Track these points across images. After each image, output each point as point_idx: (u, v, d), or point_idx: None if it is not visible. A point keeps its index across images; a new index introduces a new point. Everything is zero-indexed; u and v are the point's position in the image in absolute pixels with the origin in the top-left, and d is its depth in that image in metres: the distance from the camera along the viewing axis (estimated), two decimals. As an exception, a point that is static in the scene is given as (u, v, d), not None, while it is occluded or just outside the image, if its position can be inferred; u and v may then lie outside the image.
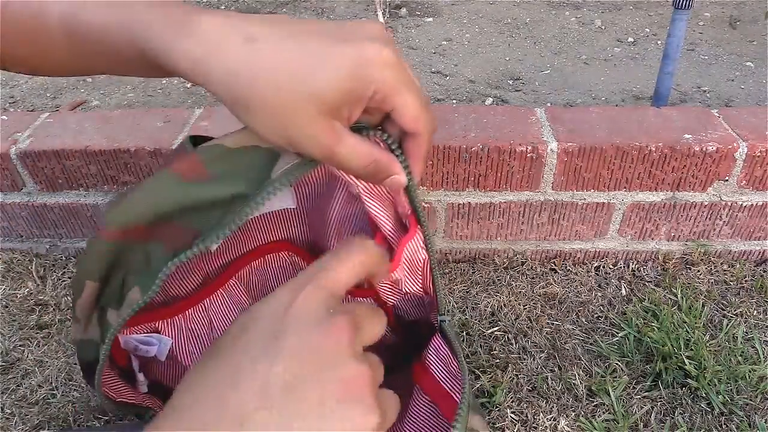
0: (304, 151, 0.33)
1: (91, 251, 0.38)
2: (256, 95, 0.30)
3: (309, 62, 0.30)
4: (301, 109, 0.31)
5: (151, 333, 0.52)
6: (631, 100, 1.59)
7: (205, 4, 2.30)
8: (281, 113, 0.31)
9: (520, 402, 0.73)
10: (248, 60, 0.30)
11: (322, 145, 0.32)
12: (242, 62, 0.30)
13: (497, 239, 0.92)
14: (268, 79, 0.30)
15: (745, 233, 0.91)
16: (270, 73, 0.30)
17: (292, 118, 0.31)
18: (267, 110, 0.31)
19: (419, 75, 1.73)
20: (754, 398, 0.73)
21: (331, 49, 0.31)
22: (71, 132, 0.89)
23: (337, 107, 0.31)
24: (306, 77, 0.30)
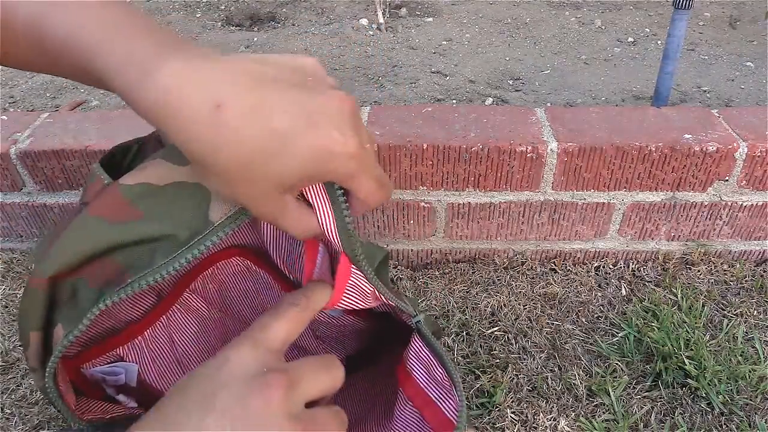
0: (250, 209, 0.34)
1: (27, 303, 0.37)
2: (219, 164, 0.30)
3: (273, 145, 0.30)
4: (258, 184, 0.31)
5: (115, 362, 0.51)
6: (631, 100, 1.59)
7: (206, 3, 2.30)
8: (238, 184, 0.31)
9: (520, 402, 0.73)
10: (213, 130, 0.29)
11: (268, 214, 0.33)
12: (206, 131, 0.29)
13: (497, 239, 0.92)
14: (230, 153, 0.30)
15: (745, 233, 0.91)
16: (234, 148, 0.29)
17: (247, 189, 0.31)
18: (225, 177, 0.31)
19: (419, 75, 1.73)
20: (754, 398, 0.73)
21: (296, 132, 0.30)
22: (71, 132, 0.89)
23: (294, 186, 0.32)
24: (268, 159, 0.30)
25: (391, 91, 1.66)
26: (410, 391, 0.49)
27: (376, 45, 1.94)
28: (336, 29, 2.05)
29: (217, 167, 0.30)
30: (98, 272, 0.36)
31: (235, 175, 0.30)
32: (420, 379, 0.48)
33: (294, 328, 0.36)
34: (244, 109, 0.29)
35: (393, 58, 1.85)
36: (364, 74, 1.76)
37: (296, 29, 2.08)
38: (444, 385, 0.46)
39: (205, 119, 0.29)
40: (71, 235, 0.35)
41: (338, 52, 1.91)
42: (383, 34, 2.02)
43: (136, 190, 0.35)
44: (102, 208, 0.36)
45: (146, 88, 0.29)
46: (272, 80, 0.31)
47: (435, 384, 0.47)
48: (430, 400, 0.47)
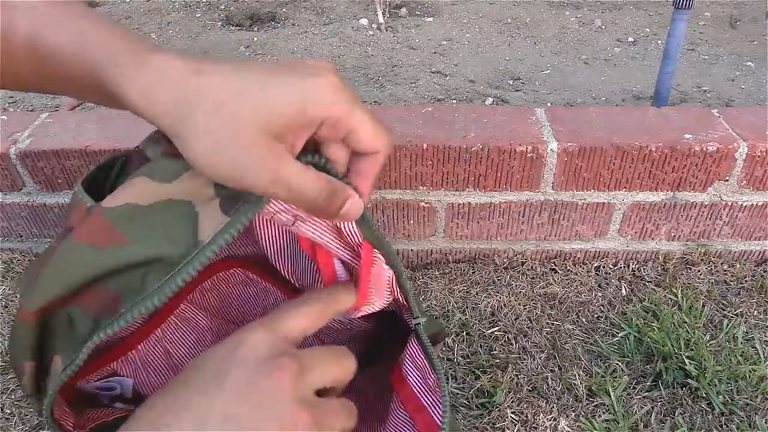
0: (245, 177, 0.31)
1: (17, 336, 0.36)
2: (199, 120, 0.30)
3: (254, 88, 0.30)
4: (243, 130, 0.30)
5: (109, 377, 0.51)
6: (631, 100, 1.59)
7: (205, 3, 2.30)
8: (223, 137, 0.30)
9: (520, 402, 0.73)
10: (194, 88, 0.30)
11: (266, 167, 0.30)
12: (188, 90, 0.30)
13: (497, 239, 0.92)
14: (211, 104, 0.30)
15: (745, 233, 0.91)
16: (214, 98, 0.30)
17: (234, 140, 0.30)
18: (209, 136, 0.30)
19: (419, 75, 1.73)
20: (755, 398, 0.73)
21: (278, 78, 0.30)
22: (71, 132, 0.89)
23: (282, 131, 0.30)
24: (250, 101, 0.30)
25: (391, 91, 1.66)
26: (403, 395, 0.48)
27: (376, 45, 1.94)
28: (336, 29, 2.05)
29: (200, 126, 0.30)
30: (90, 300, 0.35)
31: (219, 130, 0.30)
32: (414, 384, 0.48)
33: (314, 321, 0.36)
34: (224, 71, 0.30)
35: (393, 58, 1.85)
36: (364, 74, 1.76)
37: (296, 29, 2.08)
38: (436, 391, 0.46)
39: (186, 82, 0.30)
40: (57, 264, 0.34)
41: (338, 52, 1.91)
42: (383, 34, 2.02)
43: (120, 212, 0.34)
44: (86, 234, 0.34)
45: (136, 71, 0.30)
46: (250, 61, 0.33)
47: (428, 390, 0.47)
48: (423, 405, 0.47)
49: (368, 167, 0.35)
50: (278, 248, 0.51)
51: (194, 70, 0.30)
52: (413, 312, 0.46)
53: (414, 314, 0.46)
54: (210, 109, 0.30)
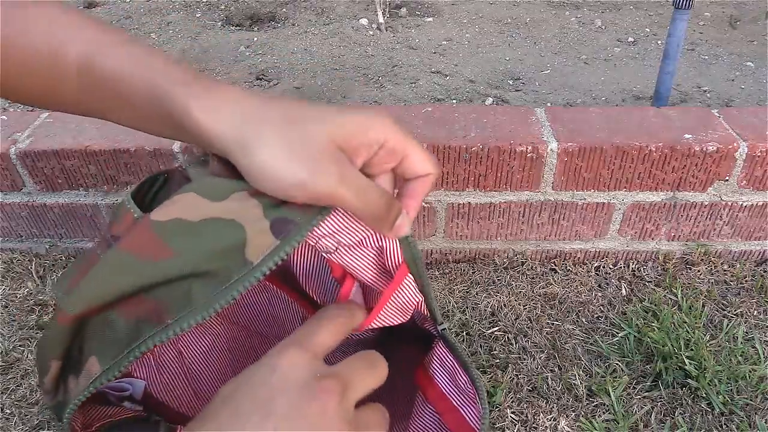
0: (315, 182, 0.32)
1: (52, 335, 0.36)
2: (268, 132, 0.32)
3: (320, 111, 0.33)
4: (312, 140, 0.32)
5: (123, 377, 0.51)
6: (631, 100, 1.59)
7: (206, 3, 2.30)
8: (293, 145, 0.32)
9: (520, 402, 0.73)
10: (262, 108, 0.33)
11: (333, 173, 0.32)
12: (257, 108, 0.33)
13: (497, 239, 0.92)
14: (280, 120, 0.32)
15: (745, 233, 0.91)
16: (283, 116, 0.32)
17: (303, 148, 0.32)
18: (279, 144, 0.32)
19: (419, 75, 1.73)
20: (754, 398, 0.73)
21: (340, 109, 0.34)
22: (71, 132, 0.89)
23: (344, 146, 0.33)
24: (319, 119, 0.33)
25: (391, 91, 1.66)
26: (432, 395, 0.49)
27: (376, 45, 1.94)
28: (336, 29, 2.05)
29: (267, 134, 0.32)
30: (132, 307, 0.35)
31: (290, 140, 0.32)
32: (443, 385, 0.48)
33: (337, 335, 0.37)
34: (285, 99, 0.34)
35: (393, 58, 1.85)
36: (364, 74, 1.76)
37: (296, 29, 2.08)
38: (467, 393, 0.46)
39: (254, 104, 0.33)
40: (103, 272, 0.35)
41: (338, 52, 1.91)
42: (383, 34, 2.02)
43: (169, 226, 0.35)
44: (134, 245, 0.35)
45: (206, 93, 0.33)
46: None
47: (458, 391, 0.47)
48: (453, 406, 0.47)
49: (419, 188, 0.38)
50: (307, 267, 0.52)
51: (262, 99, 0.33)
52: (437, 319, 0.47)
53: (438, 321, 0.47)
54: (279, 123, 0.32)
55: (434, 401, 0.48)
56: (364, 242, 0.40)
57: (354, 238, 0.39)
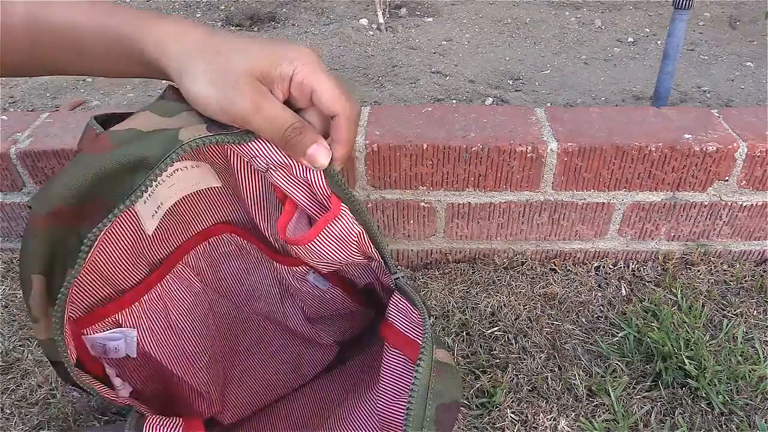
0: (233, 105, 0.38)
1: (27, 244, 0.39)
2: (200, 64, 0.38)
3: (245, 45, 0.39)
4: (233, 72, 0.38)
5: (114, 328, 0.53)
6: (631, 100, 1.59)
7: (206, 3, 2.30)
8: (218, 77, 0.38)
9: (520, 402, 0.73)
10: (203, 42, 0.39)
11: (250, 97, 0.38)
12: (198, 42, 0.39)
13: (497, 239, 0.92)
14: (214, 54, 0.38)
15: (745, 233, 0.91)
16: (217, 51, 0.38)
17: (226, 79, 0.38)
18: (207, 75, 0.38)
19: (419, 75, 1.73)
20: (754, 398, 0.73)
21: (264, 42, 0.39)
22: (71, 132, 0.89)
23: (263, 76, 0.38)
24: (243, 51, 0.38)
25: (391, 91, 1.66)
26: (392, 338, 0.51)
27: (376, 45, 1.94)
28: (336, 29, 2.05)
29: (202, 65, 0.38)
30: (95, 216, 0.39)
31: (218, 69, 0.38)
32: (400, 325, 0.51)
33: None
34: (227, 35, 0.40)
35: (393, 58, 1.85)
36: (364, 74, 1.76)
37: (296, 29, 2.08)
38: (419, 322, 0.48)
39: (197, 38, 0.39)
40: (64, 171, 0.38)
41: (338, 52, 1.91)
42: (383, 34, 2.02)
43: (123, 134, 0.39)
44: (89, 147, 0.39)
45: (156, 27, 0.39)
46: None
47: (412, 325, 0.50)
48: (410, 339, 0.49)
49: (336, 128, 0.42)
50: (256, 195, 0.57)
51: (205, 31, 0.39)
52: (390, 268, 0.49)
53: (391, 270, 0.49)
54: (210, 57, 0.38)
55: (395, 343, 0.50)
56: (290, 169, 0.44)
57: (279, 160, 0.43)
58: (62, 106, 1.62)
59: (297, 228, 0.48)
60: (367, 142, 0.82)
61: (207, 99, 0.38)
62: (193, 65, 0.38)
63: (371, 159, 0.83)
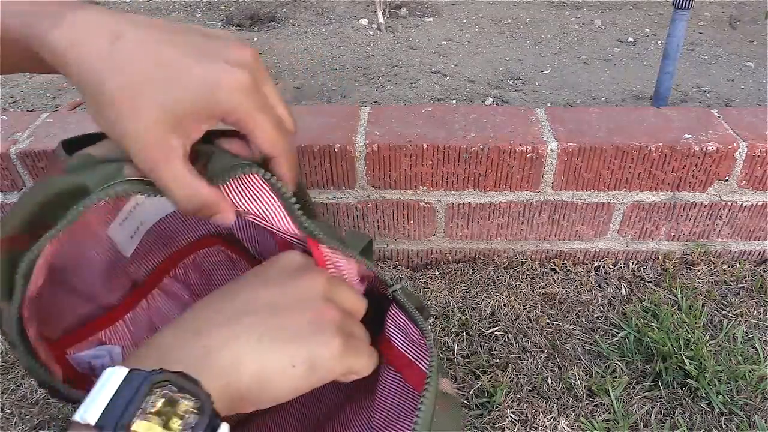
0: (132, 156, 0.32)
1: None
2: (106, 91, 0.31)
3: (163, 72, 0.31)
4: (143, 113, 0.31)
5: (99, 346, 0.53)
6: (631, 100, 1.59)
7: (205, 3, 2.30)
8: (123, 112, 0.31)
9: (520, 402, 0.73)
10: (107, 58, 0.31)
11: (148, 159, 0.32)
12: (101, 59, 0.31)
13: (497, 239, 0.92)
14: (120, 79, 0.31)
15: (745, 233, 0.91)
16: (123, 74, 0.31)
17: (131, 119, 0.31)
18: (113, 107, 0.31)
19: (419, 75, 1.73)
20: (754, 398, 0.73)
21: (188, 64, 0.31)
22: (71, 132, 0.89)
23: (179, 121, 0.31)
24: (155, 87, 0.31)
25: (391, 91, 1.66)
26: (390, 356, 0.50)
27: (376, 45, 1.94)
28: (336, 29, 2.05)
29: (106, 95, 0.31)
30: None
31: (122, 104, 0.31)
32: (398, 343, 0.50)
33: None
34: (139, 39, 0.31)
35: (393, 58, 1.85)
36: (364, 74, 1.76)
37: (296, 29, 2.08)
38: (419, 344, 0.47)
39: (101, 50, 0.30)
40: (22, 195, 0.37)
41: (338, 52, 1.91)
42: (383, 34, 2.02)
43: (76, 162, 0.37)
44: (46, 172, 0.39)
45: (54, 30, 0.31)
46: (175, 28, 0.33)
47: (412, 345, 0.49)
48: (409, 360, 0.49)
49: (277, 170, 0.38)
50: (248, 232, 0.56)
51: (110, 34, 0.31)
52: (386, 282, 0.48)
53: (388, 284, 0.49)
54: (116, 85, 0.31)
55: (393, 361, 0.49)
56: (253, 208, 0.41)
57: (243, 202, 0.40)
58: (62, 106, 1.62)
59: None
60: (367, 142, 0.82)
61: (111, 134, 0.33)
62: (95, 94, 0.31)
63: (371, 159, 0.83)
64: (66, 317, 0.50)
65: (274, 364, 0.32)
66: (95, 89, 0.31)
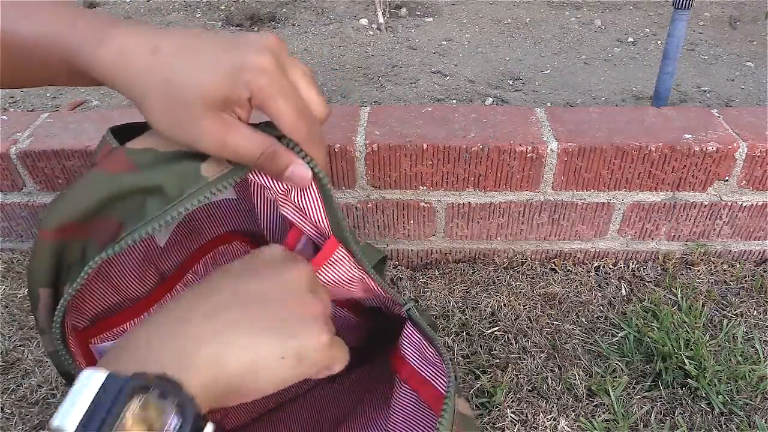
0: (199, 144, 0.35)
1: (35, 258, 0.38)
2: (154, 95, 0.35)
3: (198, 68, 0.35)
4: (191, 104, 0.34)
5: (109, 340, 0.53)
6: (631, 100, 1.59)
7: (206, 3, 2.30)
8: (174, 109, 0.35)
9: (520, 402, 0.73)
10: (150, 67, 0.35)
11: (213, 135, 0.35)
12: (145, 70, 0.35)
13: (497, 239, 0.92)
14: (164, 83, 0.34)
15: (745, 233, 0.91)
16: (166, 78, 0.34)
17: (183, 112, 0.35)
18: (163, 108, 0.35)
19: (419, 75, 1.73)
20: (754, 398, 0.73)
21: (218, 55, 0.35)
22: (71, 132, 0.89)
23: (222, 104, 0.35)
24: (194, 79, 0.34)
25: (391, 91, 1.66)
26: (405, 374, 0.50)
27: (376, 45, 1.94)
28: (336, 29, 2.05)
29: (154, 99, 0.35)
30: (102, 231, 0.38)
31: (170, 104, 0.35)
32: (413, 361, 0.50)
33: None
34: (174, 47, 0.35)
35: (393, 58, 1.85)
36: (364, 74, 1.76)
37: (296, 29, 2.08)
38: (435, 363, 0.48)
39: (143, 62, 0.35)
40: (76, 187, 0.37)
41: (338, 52, 1.91)
42: (383, 34, 2.02)
43: (140, 153, 0.38)
44: (104, 164, 0.38)
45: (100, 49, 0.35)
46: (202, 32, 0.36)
47: (427, 363, 0.49)
48: (424, 379, 0.49)
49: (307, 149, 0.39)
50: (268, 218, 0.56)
51: (150, 48, 0.35)
52: (398, 300, 0.48)
53: (401, 302, 0.48)
54: (161, 87, 0.34)
55: (408, 379, 0.50)
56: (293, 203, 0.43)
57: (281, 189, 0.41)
58: (62, 106, 1.62)
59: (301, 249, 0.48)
60: (367, 142, 0.82)
61: (171, 136, 0.36)
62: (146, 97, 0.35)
63: (371, 159, 0.83)
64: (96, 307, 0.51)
65: (264, 355, 0.33)
66: (143, 94, 0.35)
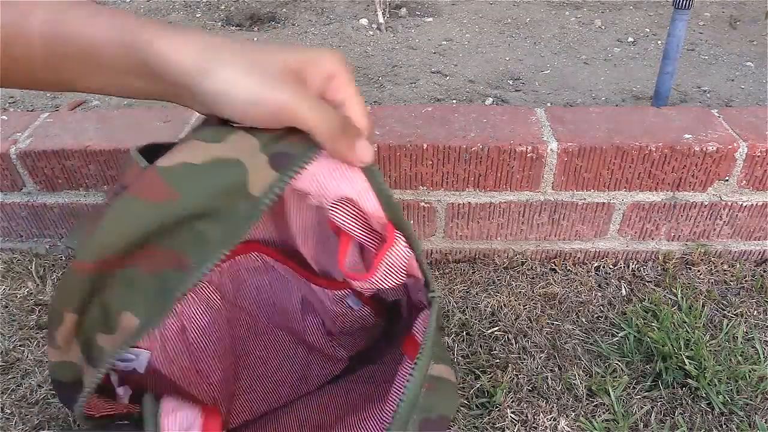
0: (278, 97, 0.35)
1: (67, 284, 0.37)
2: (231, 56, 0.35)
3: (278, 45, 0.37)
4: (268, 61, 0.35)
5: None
6: (631, 100, 1.59)
7: (206, 3, 2.30)
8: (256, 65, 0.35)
9: (520, 402, 0.73)
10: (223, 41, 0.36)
11: (292, 89, 0.35)
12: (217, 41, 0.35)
13: (497, 239, 0.92)
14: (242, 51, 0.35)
15: (745, 233, 0.91)
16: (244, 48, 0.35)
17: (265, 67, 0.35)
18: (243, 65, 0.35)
19: (419, 75, 1.73)
20: (754, 398, 0.73)
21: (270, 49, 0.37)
22: (71, 132, 0.89)
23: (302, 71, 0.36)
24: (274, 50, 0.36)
25: (391, 91, 1.66)
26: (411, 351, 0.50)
27: (376, 45, 1.94)
28: (336, 29, 2.05)
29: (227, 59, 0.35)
30: (147, 261, 0.37)
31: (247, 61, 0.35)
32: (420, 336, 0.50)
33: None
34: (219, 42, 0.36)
35: (393, 58, 1.85)
36: (364, 74, 1.76)
37: (296, 29, 2.08)
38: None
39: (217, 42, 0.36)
40: (114, 218, 0.36)
41: (338, 52, 1.91)
42: (383, 34, 2.02)
43: (175, 170, 0.36)
44: (141, 190, 0.36)
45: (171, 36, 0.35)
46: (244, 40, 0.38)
47: None
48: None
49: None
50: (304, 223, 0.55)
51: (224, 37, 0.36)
52: (429, 285, 0.48)
53: (430, 288, 0.48)
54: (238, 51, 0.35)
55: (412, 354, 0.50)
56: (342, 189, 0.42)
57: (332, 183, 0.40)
58: (62, 106, 1.62)
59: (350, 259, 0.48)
60: (367, 142, 0.82)
61: (237, 90, 0.34)
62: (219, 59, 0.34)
63: (371, 159, 0.83)
64: None
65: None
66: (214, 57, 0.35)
